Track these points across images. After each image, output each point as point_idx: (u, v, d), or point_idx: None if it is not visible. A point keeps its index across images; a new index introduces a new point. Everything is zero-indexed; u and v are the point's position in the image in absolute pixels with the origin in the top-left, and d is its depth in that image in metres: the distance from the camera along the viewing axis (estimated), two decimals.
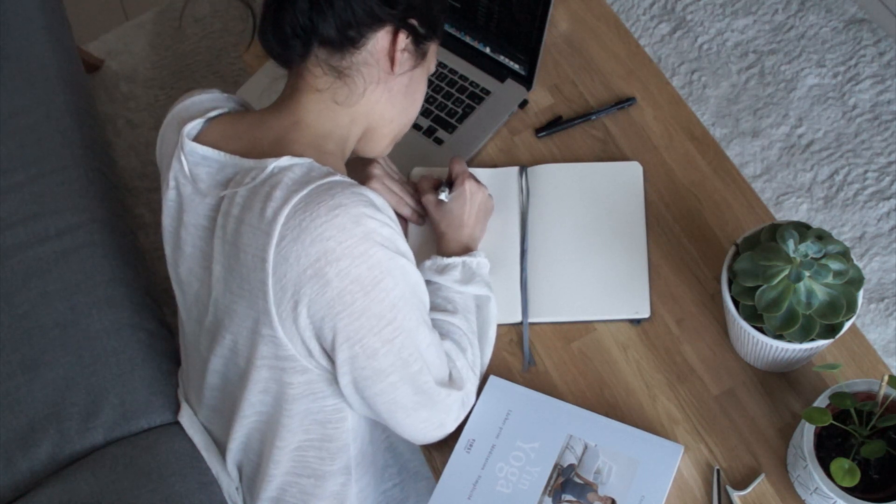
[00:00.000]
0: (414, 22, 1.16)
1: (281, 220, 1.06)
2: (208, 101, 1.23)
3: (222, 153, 1.15)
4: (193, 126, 1.18)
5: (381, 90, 1.19)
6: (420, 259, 1.38)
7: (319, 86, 1.16)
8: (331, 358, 1.12)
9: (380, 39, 1.15)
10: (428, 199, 1.40)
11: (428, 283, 1.30)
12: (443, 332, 1.25)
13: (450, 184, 1.40)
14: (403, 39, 1.16)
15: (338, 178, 1.09)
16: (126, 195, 2.05)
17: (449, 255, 1.34)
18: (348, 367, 1.11)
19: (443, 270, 1.31)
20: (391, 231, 1.10)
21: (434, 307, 1.28)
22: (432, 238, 1.42)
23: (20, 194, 1.62)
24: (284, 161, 1.10)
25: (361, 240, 1.06)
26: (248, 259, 1.09)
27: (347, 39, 1.13)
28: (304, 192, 1.06)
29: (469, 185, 1.37)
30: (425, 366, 1.15)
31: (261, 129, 1.17)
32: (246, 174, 1.11)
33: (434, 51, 1.25)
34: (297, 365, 1.14)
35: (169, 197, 1.20)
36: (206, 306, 1.20)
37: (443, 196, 1.38)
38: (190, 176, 1.16)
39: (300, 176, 1.08)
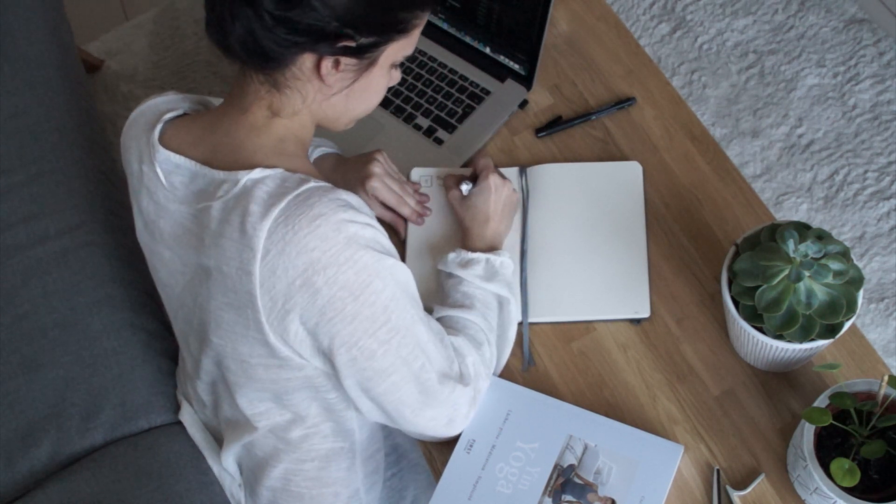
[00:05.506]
0: (343, 43, 1.06)
1: (263, 234, 1.05)
2: (163, 104, 1.21)
3: (192, 161, 1.13)
4: (157, 132, 1.16)
5: (319, 102, 1.13)
6: (435, 256, 1.39)
7: (260, 93, 1.12)
8: (330, 361, 1.12)
9: (305, 60, 1.08)
10: (453, 194, 1.40)
11: (449, 276, 1.31)
12: (457, 328, 1.25)
13: (474, 179, 1.40)
14: (328, 65, 1.08)
15: (312, 184, 1.07)
16: (126, 195, 2.05)
17: (474, 251, 1.34)
18: (350, 370, 1.11)
19: (466, 265, 1.31)
20: (373, 231, 1.09)
21: (452, 303, 1.28)
22: (451, 237, 1.42)
23: (20, 194, 1.62)
24: (256, 174, 1.08)
25: (345, 246, 1.05)
26: (232, 272, 1.08)
27: (264, 61, 1.07)
28: (282, 204, 1.05)
29: (493, 179, 1.37)
30: (427, 362, 1.15)
31: (217, 134, 1.14)
32: (218, 187, 1.10)
33: (405, 42, 1.12)
34: (293, 362, 1.14)
35: (142, 203, 1.19)
36: (191, 309, 1.19)
37: (464, 188, 1.39)
38: (166, 185, 1.15)
39: (274, 188, 1.07)
